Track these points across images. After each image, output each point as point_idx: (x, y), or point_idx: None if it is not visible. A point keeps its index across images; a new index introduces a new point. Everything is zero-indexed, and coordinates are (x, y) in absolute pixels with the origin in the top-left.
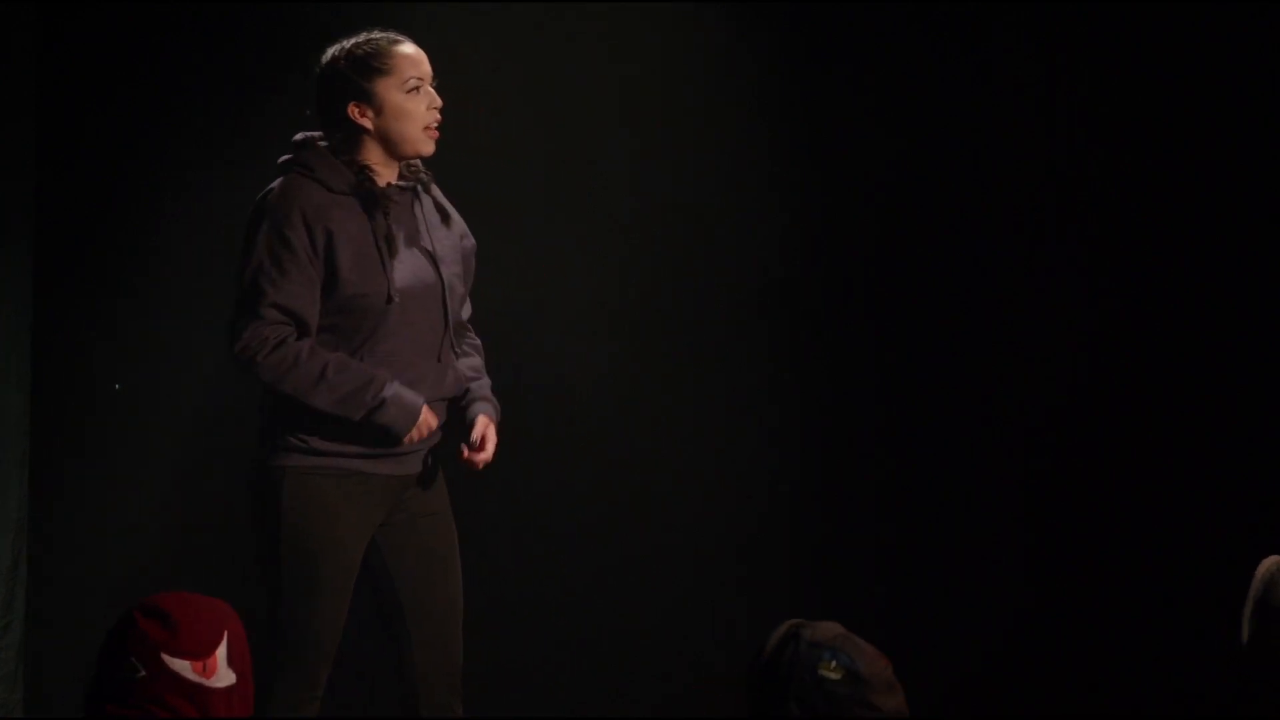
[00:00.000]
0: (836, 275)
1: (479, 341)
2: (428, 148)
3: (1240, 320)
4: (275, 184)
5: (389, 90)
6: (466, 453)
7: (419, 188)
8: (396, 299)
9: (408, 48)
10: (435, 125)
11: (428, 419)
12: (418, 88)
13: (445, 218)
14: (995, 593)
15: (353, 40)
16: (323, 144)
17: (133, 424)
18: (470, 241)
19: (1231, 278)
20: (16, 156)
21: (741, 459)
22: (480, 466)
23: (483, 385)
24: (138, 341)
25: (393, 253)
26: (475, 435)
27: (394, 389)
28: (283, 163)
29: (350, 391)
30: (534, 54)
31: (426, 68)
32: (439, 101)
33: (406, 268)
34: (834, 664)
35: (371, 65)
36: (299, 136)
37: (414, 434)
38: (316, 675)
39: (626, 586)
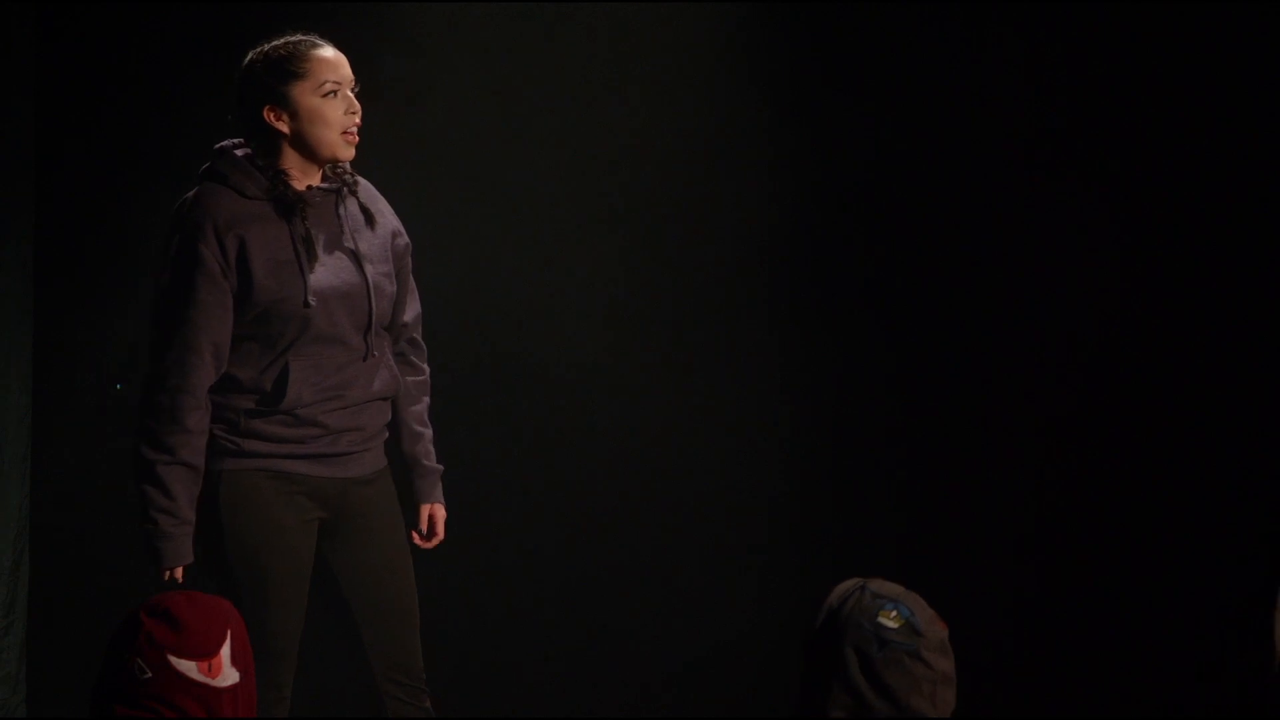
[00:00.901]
0: (841, 272)
1: (426, 373)
2: (345, 152)
3: (1243, 319)
4: (189, 194)
5: (303, 94)
6: (417, 539)
7: (344, 189)
8: (313, 303)
9: (326, 51)
10: (354, 130)
11: (172, 576)
12: (334, 92)
13: (370, 219)
14: (1007, 592)
15: (271, 43)
16: (240, 151)
17: (133, 424)
18: (404, 240)
19: (1234, 277)
20: (16, 156)
21: (745, 459)
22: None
23: (425, 446)
24: (138, 341)
25: (311, 256)
26: (423, 525)
27: (172, 528)
28: (200, 172)
29: (147, 496)
30: (535, 53)
31: (345, 72)
32: (357, 106)
33: (327, 270)
34: (894, 613)
35: (286, 69)
36: (218, 145)
37: (165, 572)
38: (280, 676)
39: (628, 586)
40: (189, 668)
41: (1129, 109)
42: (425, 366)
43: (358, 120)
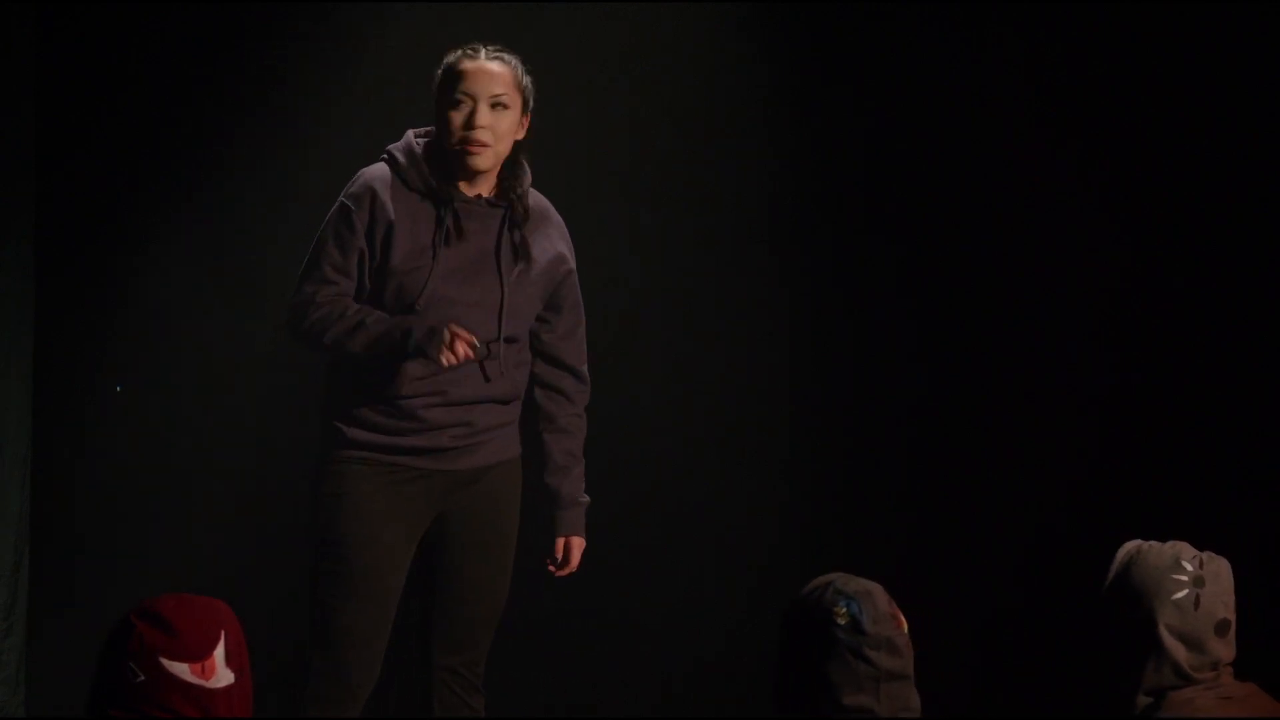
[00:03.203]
0: (842, 271)
1: (579, 408)
2: (465, 161)
3: (1246, 322)
4: (370, 166)
5: (440, 102)
6: (551, 566)
7: (511, 208)
8: (420, 308)
9: (467, 64)
10: (472, 144)
11: (457, 332)
12: (459, 102)
13: (534, 241)
14: (1011, 594)
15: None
16: (422, 140)
17: (133, 425)
18: (566, 267)
19: (1235, 279)
20: (16, 156)
21: (747, 459)
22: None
23: (570, 481)
24: (138, 341)
25: (439, 259)
26: (558, 555)
27: (424, 318)
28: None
29: (383, 331)
30: (535, 53)
31: (481, 87)
32: (479, 121)
33: (458, 279)
34: (844, 610)
35: (440, 75)
36: (414, 130)
37: (447, 355)
38: (344, 671)
39: (628, 586)
40: (181, 670)
41: (1130, 109)
42: (578, 402)
43: (474, 135)
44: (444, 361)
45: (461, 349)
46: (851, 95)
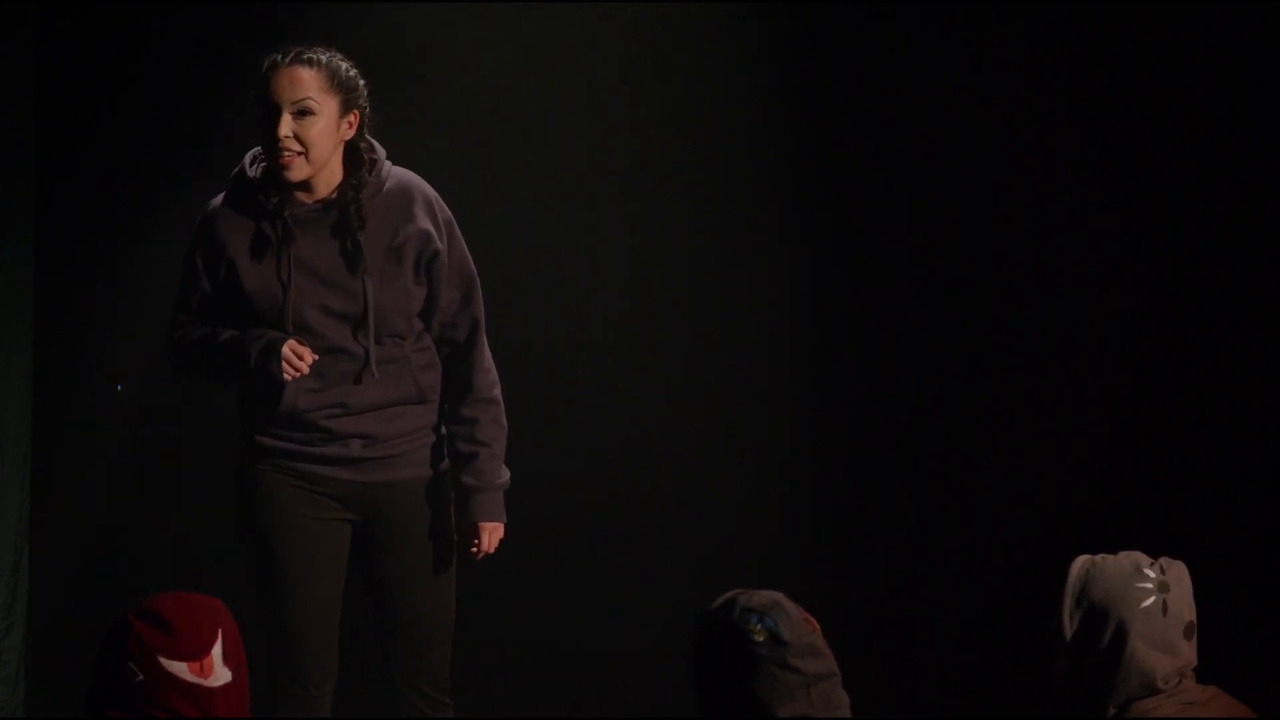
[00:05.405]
0: (841, 272)
1: (479, 390)
2: (284, 174)
3: (1243, 326)
4: (215, 196)
5: (256, 113)
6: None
7: (347, 204)
8: (292, 331)
9: (271, 70)
10: (277, 156)
11: (294, 349)
12: (266, 113)
13: (384, 237)
14: (1007, 596)
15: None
16: (252, 162)
17: (133, 424)
18: (434, 247)
19: (1234, 281)
20: (16, 156)
21: (746, 460)
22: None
23: (468, 467)
24: (138, 341)
25: (290, 278)
26: (465, 543)
27: (263, 336)
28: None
29: (224, 361)
30: (536, 54)
31: (282, 94)
32: (281, 131)
33: (316, 293)
34: (759, 627)
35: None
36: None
37: (288, 369)
38: (302, 671)
39: (628, 586)
40: (180, 669)
41: (1132, 108)
42: (477, 384)
43: (279, 146)
44: (287, 379)
45: (304, 365)
46: (851, 95)
